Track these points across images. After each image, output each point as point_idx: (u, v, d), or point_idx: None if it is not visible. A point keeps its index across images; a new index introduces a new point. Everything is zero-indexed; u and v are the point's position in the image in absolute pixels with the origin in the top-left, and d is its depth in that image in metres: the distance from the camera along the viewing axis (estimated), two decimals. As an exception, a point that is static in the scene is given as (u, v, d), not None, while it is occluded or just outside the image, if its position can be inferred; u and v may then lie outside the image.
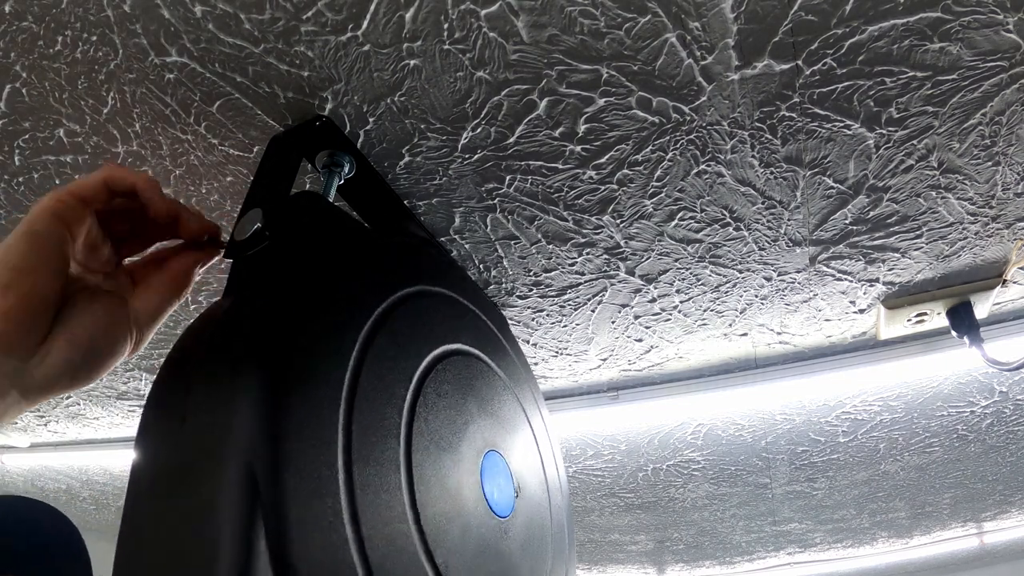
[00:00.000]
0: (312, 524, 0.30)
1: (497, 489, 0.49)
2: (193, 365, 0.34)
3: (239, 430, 0.30)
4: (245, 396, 0.31)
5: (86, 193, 0.36)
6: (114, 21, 0.45)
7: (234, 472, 0.28)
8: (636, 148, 0.56)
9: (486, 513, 0.47)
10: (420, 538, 0.38)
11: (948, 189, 0.62)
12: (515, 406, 0.59)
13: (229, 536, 0.27)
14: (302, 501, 0.30)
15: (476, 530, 0.45)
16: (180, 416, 0.31)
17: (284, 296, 0.36)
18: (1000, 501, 1.61)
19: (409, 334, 0.44)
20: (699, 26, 0.46)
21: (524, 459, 0.57)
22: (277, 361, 0.33)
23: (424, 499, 0.40)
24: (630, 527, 1.69)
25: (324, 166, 0.54)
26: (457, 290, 0.56)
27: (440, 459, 0.43)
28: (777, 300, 0.79)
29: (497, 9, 0.44)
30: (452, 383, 0.48)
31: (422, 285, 0.49)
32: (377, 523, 0.35)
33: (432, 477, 0.41)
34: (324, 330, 0.37)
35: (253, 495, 0.28)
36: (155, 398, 0.33)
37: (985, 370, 0.96)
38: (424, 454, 0.41)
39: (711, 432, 1.14)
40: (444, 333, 0.49)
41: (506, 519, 0.49)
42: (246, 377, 0.31)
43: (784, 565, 2.07)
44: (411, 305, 0.46)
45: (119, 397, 1.06)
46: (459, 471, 0.45)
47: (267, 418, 0.30)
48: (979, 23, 0.46)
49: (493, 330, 0.61)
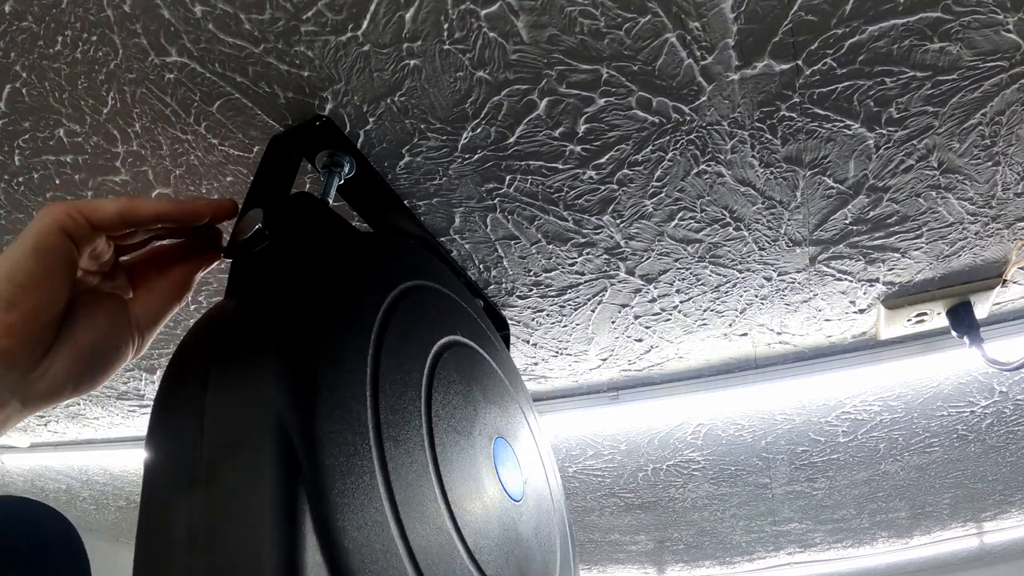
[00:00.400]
0: (353, 501, 0.30)
1: (508, 474, 0.50)
2: (208, 360, 0.33)
3: (276, 414, 0.29)
4: (277, 381, 0.31)
5: (99, 220, 0.35)
6: (114, 21, 0.45)
7: (275, 453, 0.28)
8: (636, 148, 0.56)
9: (503, 496, 0.47)
10: (450, 518, 0.39)
11: (948, 189, 0.62)
12: (512, 398, 0.59)
13: (275, 517, 0.27)
14: (342, 478, 0.30)
15: (497, 512, 0.46)
16: (199, 410, 0.31)
17: (297, 290, 0.36)
18: (1000, 501, 1.61)
19: (416, 324, 0.45)
20: (699, 26, 0.46)
21: (525, 447, 0.57)
22: (302, 347, 0.33)
23: (450, 480, 0.40)
24: (630, 527, 1.69)
25: (324, 166, 0.54)
26: (453, 288, 0.56)
27: (459, 442, 0.44)
28: (777, 300, 0.79)
29: (497, 9, 0.44)
30: (458, 371, 0.49)
31: (421, 280, 0.50)
32: (412, 501, 0.35)
33: (455, 458, 0.42)
34: (340, 319, 0.37)
35: (295, 473, 0.28)
36: (167, 396, 0.33)
37: (985, 370, 0.96)
38: (445, 436, 0.42)
39: (711, 432, 1.14)
40: (445, 324, 0.50)
41: (520, 503, 0.50)
42: (273, 364, 0.31)
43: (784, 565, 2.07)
44: (413, 297, 0.47)
45: (119, 397, 1.06)
46: (476, 454, 0.46)
47: (303, 398, 0.31)
48: (979, 23, 0.46)
49: (485, 329, 0.61)
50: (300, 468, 0.28)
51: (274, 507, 0.27)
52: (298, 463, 0.28)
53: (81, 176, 0.60)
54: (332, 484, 0.30)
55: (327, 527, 0.28)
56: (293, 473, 0.28)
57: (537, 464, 0.59)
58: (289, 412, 0.30)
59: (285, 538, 0.27)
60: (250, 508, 0.27)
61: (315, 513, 0.28)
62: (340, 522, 0.29)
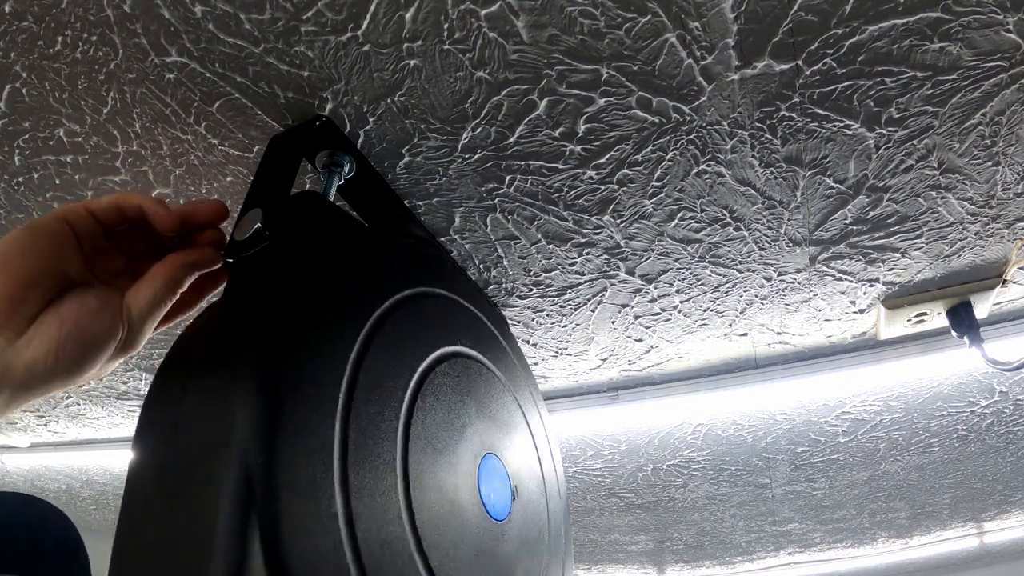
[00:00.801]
0: (306, 526, 0.30)
1: (494, 492, 0.49)
2: (190, 366, 0.34)
3: (235, 433, 0.30)
4: (241, 398, 0.31)
5: (96, 208, 0.38)
6: (114, 21, 0.45)
7: (230, 474, 0.29)
8: (636, 148, 0.56)
9: (482, 516, 0.47)
10: (415, 540, 0.38)
11: (948, 189, 0.62)
12: (514, 408, 0.58)
13: (223, 538, 0.27)
14: (297, 503, 0.30)
15: (472, 533, 0.45)
16: (176, 418, 0.32)
17: (283, 298, 0.36)
18: (1000, 501, 1.61)
19: (407, 337, 0.44)
20: (699, 26, 0.46)
21: (522, 462, 0.57)
22: (274, 363, 0.33)
23: (420, 502, 0.39)
24: (630, 527, 1.69)
25: (324, 166, 0.54)
26: (456, 291, 0.56)
27: (437, 462, 0.43)
28: (777, 300, 0.79)
29: (497, 9, 0.44)
30: (450, 386, 0.48)
31: (421, 287, 0.49)
32: (372, 525, 0.35)
33: (428, 480, 0.41)
34: (322, 332, 0.37)
35: (248, 497, 0.28)
36: (152, 399, 0.34)
37: (985, 370, 0.96)
38: (421, 457, 0.41)
39: (711, 432, 1.14)
40: (443, 335, 0.49)
41: (503, 522, 0.49)
42: (243, 380, 0.31)
43: (784, 565, 2.07)
44: (410, 307, 0.46)
45: (119, 397, 1.06)
46: (456, 475, 0.45)
47: (263, 421, 0.31)
48: (979, 23, 0.46)
49: (493, 331, 0.61)
50: (254, 496, 0.28)
51: (225, 533, 0.27)
52: (252, 491, 0.28)
53: (81, 176, 0.60)
54: (284, 509, 0.29)
55: (275, 554, 0.28)
56: (246, 503, 0.28)
57: (534, 473, 0.59)
58: (250, 435, 0.30)
59: (233, 565, 0.27)
60: (201, 533, 0.28)
61: (265, 540, 0.28)
62: (290, 547, 0.29)
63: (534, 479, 0.58)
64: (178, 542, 0.28)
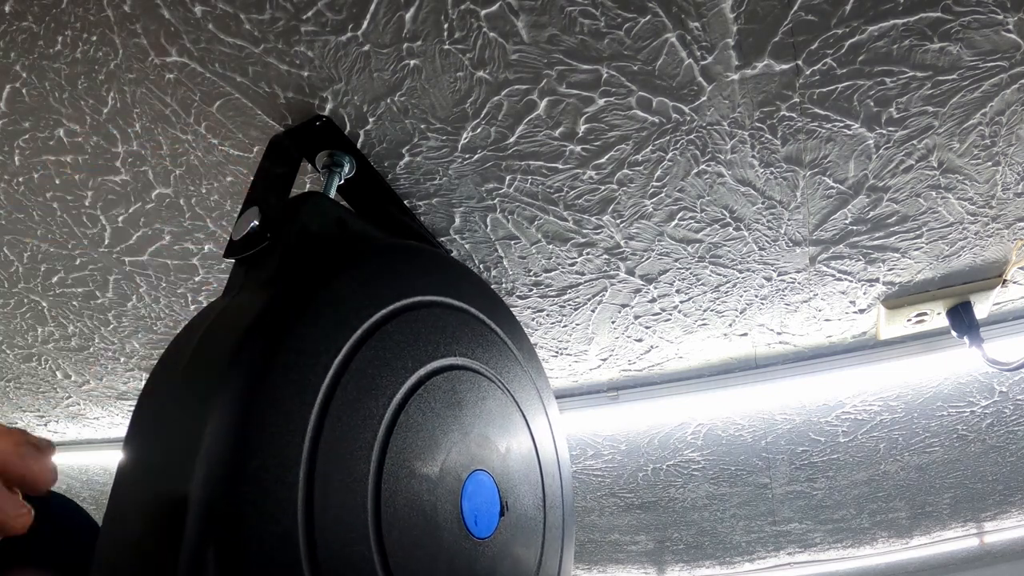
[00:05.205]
0: (265, 542, 0.30)
1: (478, 510, 0.48)
2: (176, 370, 0.34)
3: (204, 440, 0.30)
4: (215, 408, 0.31)
5: None
6: (114, 21, 0.45)
7: (194, 484, 0.29)
8: (636, 148, 0.56)
9: (462, 536, 0.45)
10: (381, 561, 0.37)
11: (948, 189, 0.62)
12: (513, 415, 0.57)
13: (182, 546, 0.28)
14: (257, 519, 0.30)
15: (447, 553, 0.44)
16: (157, 420, 0.32)
17: (272, 303, 0.36)
18: (1000, 501, 1.61)
19: (397, 350, 0.43)
20: (699, 26, 0.46)
21: (517, 475, 0.55)
22: (251, 373, 0.33)
23: (390, 522, 0.39)
24: (630, 527, 1.69)
25: (324, 166, 0.54)
26: (455, 294, 0.55)
27: (413, 483, 0.42)
28: (777, 300, 0.79)
29: (497, 9, 0.44)
30: (441, 401, 0.47)
31: (417, 296, 0.48)
32: (335, 544, 0.34)
33: (402, 501, 0.40)
34: (306, 342, 0.36)
35: (209, 507, 0.29)
36: (142, 399, 0.34)
37: (985, 370, 0.96)
38: (396, 477, 0.40)
39: (711, 432, 1.14)
40: (437, 346, 0.48)
41: (486, 539, 0.48)
42: (219, 389, 0.32)
43: (784, 565, 2.07)
44: (403, 318, 0.45)
45: (119, 397, 1.06)
46: (435, 494, 0.44)
47: (231, 432, 0.31)
48: (979, 23, 0.46)
49: (495, 331, 0.60)
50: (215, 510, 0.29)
51: (184, 564, 0.27)
52: (214, 503, 0.29)
53: (81, 176, 0.60)
54: (244, 523, 0.29)
55: (231, 570, 0.28)
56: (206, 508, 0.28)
57: (533, 483, 0.57)
58: (218, 444, 0.30)
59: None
60: (163, 537, 0.28)
61: (222, 554, 0.28)
62: (247, 563, 0.29)
63: (531, 491, 0.57)
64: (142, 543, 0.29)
